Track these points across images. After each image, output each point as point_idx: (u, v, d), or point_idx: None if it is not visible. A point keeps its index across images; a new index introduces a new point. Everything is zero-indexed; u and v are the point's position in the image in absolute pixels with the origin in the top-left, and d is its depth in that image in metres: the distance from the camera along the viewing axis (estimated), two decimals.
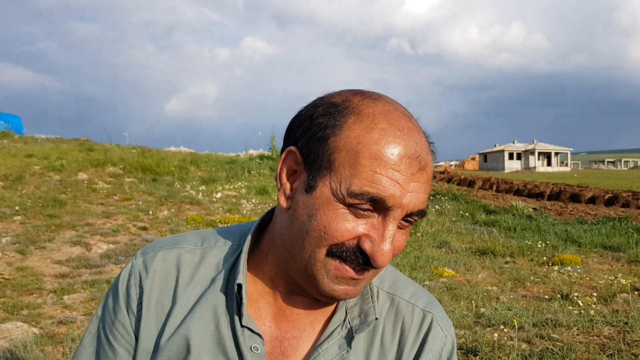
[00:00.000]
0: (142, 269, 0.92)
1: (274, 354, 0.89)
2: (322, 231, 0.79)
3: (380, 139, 0.77)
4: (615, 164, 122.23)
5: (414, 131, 0.81)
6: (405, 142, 0.78)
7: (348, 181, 0.77)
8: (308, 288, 0.86)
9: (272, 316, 0.91)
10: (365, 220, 0.79)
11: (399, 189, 0.77)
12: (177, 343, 0.86)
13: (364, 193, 0.76)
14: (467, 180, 24.44)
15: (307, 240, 0.81)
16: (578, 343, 4.12)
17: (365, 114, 0.80)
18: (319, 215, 0.79)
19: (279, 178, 0.87)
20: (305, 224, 0.81)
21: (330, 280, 0.82)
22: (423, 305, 0.98)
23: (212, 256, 0.94)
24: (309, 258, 0.81)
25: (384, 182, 0.76)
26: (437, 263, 7.39)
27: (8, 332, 4.23)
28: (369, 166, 0.76)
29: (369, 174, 0.76)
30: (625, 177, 39.06)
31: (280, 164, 0.87)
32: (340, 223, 0.78)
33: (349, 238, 0.79)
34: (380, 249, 0.78)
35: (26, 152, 15.33)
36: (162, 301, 0.90)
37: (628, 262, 7.65)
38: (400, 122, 0.80)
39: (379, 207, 0.78)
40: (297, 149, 0.84)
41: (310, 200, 0.80)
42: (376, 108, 0.81)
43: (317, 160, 0.80)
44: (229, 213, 10.66)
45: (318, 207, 0.79)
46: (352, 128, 0.79)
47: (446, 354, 0.96)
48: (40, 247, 7.39)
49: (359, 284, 0.85)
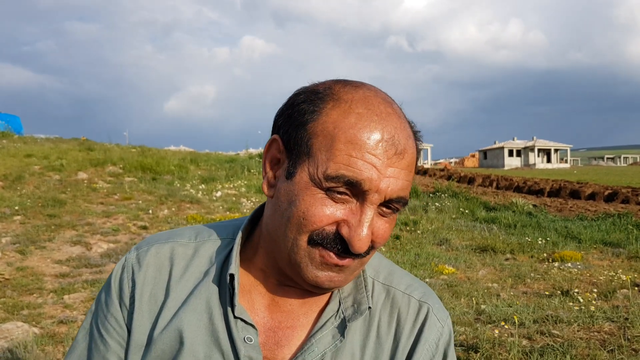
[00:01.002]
0: (135, 263, 0.93)
1: (268, 344, 0.89)
2: (301, 217, 0.79)
3: (357, 123, 0.78)
4: (614, 160, 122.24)
5: (392, 116, 0.80)
6: (382, 126, 0.78)
7: (324, 165, 0.77)
8: (294, 276, 0.86)
9: (266, 307, 0.91)
10: (344, 205, 0.79)
11: (375, 173, 0.77)
12: (170, 335, 0.87)
13: (339, 176, 0.76)
14: (467, 177, 24.44)
15: (288, 228, 0.81)
16: (578, 339, 4.13)
17: (343, 100, 0.81)
18: (298, 201, 0.79)
19: (263, 167, 0.88)
20: (286, 211, 0.81)
21: (315, 267, 0.82)
22: (419, 296, 0.97)
23: (206, 250, 0.94)
24: (292, 246, 0.82)
25: (359, 165, 0.76)
26: (437, 260, 7.39)
27: (8, 332, 4.22)
28: (345, 150, 0.77)
29: (344, 157, 0.76)
30: (625, 173, 39.05)
31: (264, 153, 0.87)
32: (318, 208, 0.78)
33: (327, 223, 0.79)
34: (357, 234, 0.78)
35: (26, 152, 15.32)
36: (155, 294, 0.90)
37: (628, 258, 7.66)
38: (379, 107, 0.80)
39: (356, 191, 0.78)
40: (279, 137, 0.85)
41: (290, 187, 0.81)
42: (355, 94, 0.81)
43: (297, 147, 0.81)
44: (229, 212, 10.66)
45: (297, 193, 0.80)
46: (329, 113, 0.80)
47: (443, 344, 0.96)
48: (41, 247, 7.39)
49: (343, 272, 0.84)
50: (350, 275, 0.86)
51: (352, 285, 0.94)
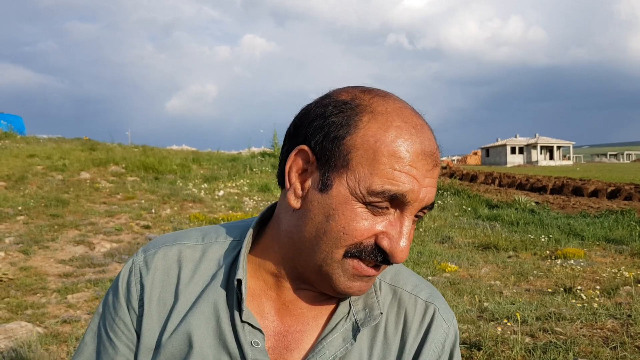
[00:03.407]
0: (143, 266, 0.92)
1: (277, 348, 0.89)
2: (341, 232, 0.79)
3: (397, 137, 0.79)
4: (617, 157, 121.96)
5: (425, 128, 0.83)
6: (421, 140, 0.80)
7: (368, 180, 0.78)
8: (320, 286, 0.87)
9: (275, 311, 0.91)
10: (382, 217, 0.80)
11: (416, 185, 0.78)
12: (179, 339, 0.87)
13: (385, 191, 0.77)
14: (470, 175, 24.42)
15: (323, 241, 0.81)
16: (581, 336, 4.12)
17: (379, 112, 0.81)
18: (337, 215, 0.79)
19: (288, 177, 0.85)
20: (322, 224, 0.81)
21: (347, 278, 0.83)
22: (425, 297, 0.98)
23: (213, 252, 0.94)
24: (325, 258, 0.82)
25: (403, 178, 0.77)
26: (440, 258, 7.39)
27: (12, 332, 4.24)
28: (388, 164, 0.77)
29: (388, 171, 0.77)
30: (628, 170, 38.94)
31: (289, 162, 0.85)
32: (359, 222, 0.79)
33: (367, 236, 0.80)
34: (399, 246, 0.80)
35: (28, 152, 15.35)
36: (164, 298, 0.90)
37: (631, 255, 7.65)
38: (413, 119, 0.82)
39: (396, 203, 0.79)
40: (309, 147, 0.83)
41: (326, 200, 0.80)
42: (387, 106, 0.82)
43: (333, 159, 0.80)
44: (231, 211, 10.67)
45: (336, 207, 0.80)
46: (368, 127, 0.80)
47: (449, 345, 0.97)
48: (44, 246, 7.41)
49: (372, 280, 0.87)
50: (374, 280, 0.89)
51: None
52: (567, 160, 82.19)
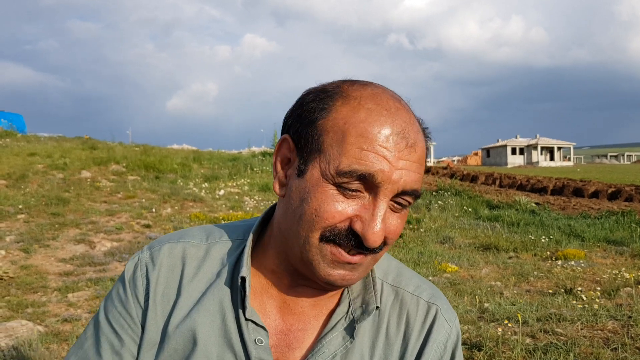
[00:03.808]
0: (149, 261, 0.93)
1: (279, 346, 0.90)
2: (313, 214, 0.79)
3: (367, 117, 0.79)
4: (618, 158, 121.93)
5: (401, 111, 0.82)
6: (392, 120, 0.79)
7: (336, 160, 0.78)
8: (307, 274, 0.86)
9: (277, 309, 0.92)
10: (356, 201, 0.79)
11: (387, 165, 0.77)
12: (183, 335, 0.87)
13: (352, 171, 0.77)
14: (470, 175, 24.42)
15: (300, 225, 0.81)
16: (582, 337, 4.12)
17: (352, 97, 0.82)
18: (310, 198, 0.80)
19: (274, 167, 0.88)
20: (298, 208, 0.82)
21: (327, 265, 0.82)
22: (427, 297, 0.98)
23: (217, 251, 0.95)
24: (304, 243, 0.82)
25: (371, 158, 0.77)
26: (440, 258, 7.39)
27: (13, 330, 4.24)
28: (356, 144, 0.77)
29: (356, 151, 0.77)
30: (629, 171, 38.97)
31: (275, 153, 0.88)
32: (331, 204, 0.78)
33: (340, 220, 0.79)
34: (371, 228, 0.78)
35: (29, 151, 15.36)
36: (168, 293, 0.91)
37: (631, 256, 7.64)
38: (388, 103, 0.81)
39: (368, 185, 0.78)
40: (289, 136, 0.86)
41: (301, 184, 0.82)
42: (364, 91, 0.83)
43: (307, 144, 0.82)
44: (232, 210, 10.68)
45: (309, 190, 0.80)
46: (339, 110, 0.81)
47: (451, 345, 0.97)
48: (44, 245, 7.41)
49: (356, 270, 0.84)
50: (364, 272, 0.87)
51: (361, 286, 0.95)
52: (567, 161, 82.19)
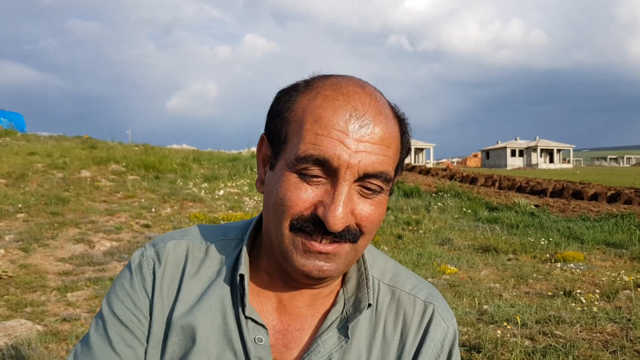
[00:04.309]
0: (155, 258, 0.94)
1: (277, 346, 0.90)
2: (280, 203, 0.80)
3: (322, 103, 0.79)
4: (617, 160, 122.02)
5: (360, 94, 0.81)
6: (346, 103, 0.79)
7: (295, 147, 0.79)
8: (288, 269, 0.86)
9: (274, 310, 0.92)
10: (319, 187, 0.80)
11: (344, 149, 0.77)
12: (183, 332, 0.87)
13: (307, 156, 0.77)
14: (470, 177, 24.42)
15: (272, 217, 0.83)
16: (581, 340, 4.12)
17: (313, 87, 0.83)
18: (276, 189, 0.81)
19: (257, 165, 0.91)
20: (269, 201, 0.83)
21: (300, 255, 0.82)
22: (424, 297, 0.98)
23: (216, 251, 0.96)
24: (277, 234, 0.83)
25: (326, 142, 0.77)
26: (439, 260, 7.39)
27: (12, 330, 4.24)
28: (312, 130, 0.78)
29: (311, 137, 0.78)
30: (628, 174, 38.99)
31: (257, 153, 0.91)
32: (293, 192, 0.79)
33: (304, 207, 0.79)
34: (331, 212, 0.78)
35: (29, 150, 15.35)
36: (171, 288, 0.92)
37: (631, 259, 7.64)
38: (347, 89, 0.81)
39: (328, 171, 0.78)
40: (265, 134, 0.88)
41: (272, 177, 0.84)
42: (326, 81, 0.84)
43: (276, 138, 0.84)
44: (231, 210, 10.68)
45: (276, 181, 0.82)
46: (300, 100, 0.82)
47: (448, 344, 0.97)
48: (44, 244, 7.40)
49: (333, 260, 0.83)
50: (343, 263, 0.85)
51: (355, 285, 0.95)
52: (567, 163, 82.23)
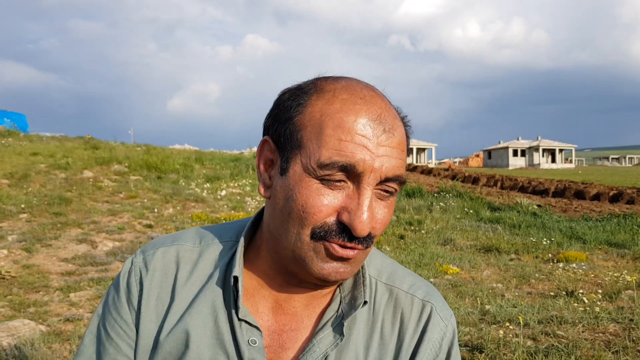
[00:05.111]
0: (142, 266, 0.93)
1: (272, 347, 0.90)
2: (301, 210, 0.79)
3: (342, 107, 0.79)
4: (619, 160, 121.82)
5: (375, 98, 0.82)
6: (367, 107, 0.80)
7: (317, 154, 0.78)
8: (300, 272, 0.86)
9: (270, 310, 0.92)
10: (341, 192, 0.79)
11: (367, 154, 0.77)
12: (176, 338, 0.87)
13: (333, 162, 0.77)
14: (471, 177, 24.40)
15: (290, 223, 0.81)
16: (583, 340, 4.12)
17: (326, 90, 0.83)
18: (294, 195, 0.80)
19: (258, 169, 0.89)
20: (285, 207, 0.81)
21: (320, 260, 0.82)
22: (422, 295, 0.97)
23: (210, 253, 0.95)
24: (295, 241, 0.82)
25: (350, 148, 0.77)
26: (441, 260, 7.39)
27: (15, 330, 4.25)
28: (334, 135, 0.77)
29: (335, 142, 0.77)
30: (630, 174, 38.94)
31: (257, 156, 0.89)
32: (316, 198, 0.78)
33: (327, 214, 0.79)
34: (358, 217, 0.78)
35: (31, 150, 15.38)
36: (162, 297, 0.91)
37: (633, 259, 7.64)
38: (362, 92, 0.82)
39: (351, 175, 0.78)
40: (269, 137, 0.86)
41: (285, 182, 0.82)
42: (337, 84, 0.84)
43: (287, 142, 0.82)
44: (233, 210, 10.69)
45: (293, 187, 0.80)
46: (314, 104, 0.81)
47: (447, 343, 0.96)
48: (46, 245, 7.42)
49: (350, 264, 0.84)
50: (357, 266, 0.86)
51: (352, 283, 0.95)
52: (569, 163, 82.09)
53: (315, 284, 0.89)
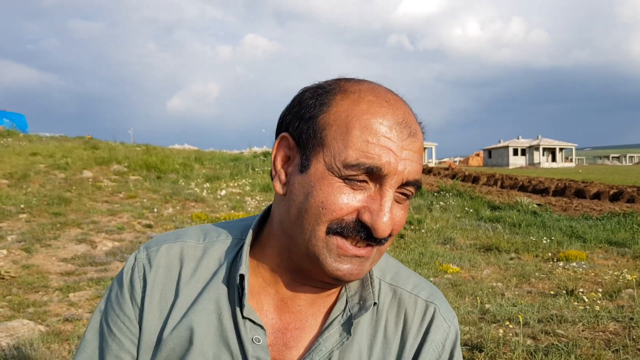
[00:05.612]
0: (146, 262, 0.93)
1: (276, 345, 0.90)
2: (320, 207, 0.79)
3: (369, 109, 0.80)
4: (620, 159, 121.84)
5: (399, 102, 0.84)
6: (393, 111, 0.81)
7: (342, 154, 0.78)
8: (313, 271, 0.85)
9: (274, 308, 0.92)
10: (362, 192, 0.80)
11: (393, 156, 0.78)
12: (180, 335, 0.87)
13: (360, 164, 0.77)
14: (472, 176, 24.40)
15: (305, 220, 0.81)
16: (583, 339, 4.12)
17: (351, 91, 0.83)
18: (315, 192, 0.80)
19: (274, 165, 0.88)
20: (303, 204, 0.81)
21: (334, 259, 0.82)
22: (425, 296, 0.98)
23: (214, 250, 0.95)
24: (310, 237, 0.81)
25: (377, 150, 0.78)
26: (441, 259, 7.38)
27: (14, 330, 4.25)
28: (361, 136, 0.78)
29: (362, 144, 0.78)
30: (630, 173, 38.95)
31: (274, 151, 0.88)
32: (338, 196, 0.79)
33: (347, 212, 0.79)
34: (380, 219, 0.78)
35: (31, 151, 15.38)
36: (166, 294, 0.91)
37: (633, 258, 7.63)
38: (386, 95, 0.83)
39: (375, 176, 0.79)
40: (289, 134, 0.86)
41: (305, 179, 0.82)
42: (362, 86, 0.84)
43: (309, 140, 0.82)
44: (233, 210, 10.68)
45: (314, 184, 0.80)
46: (340, 104, 0.82)
47: (449, 344, 0.96)
48: (46, 245, 7.42)
49: (363, 264, 0.84)
50: (370, 266, 0.87)
51: (359, 283, 0.95)
52: (569, 162, 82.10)
53: (325, 283, 0.89)
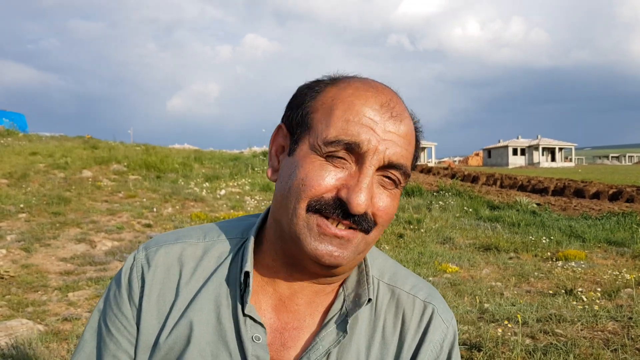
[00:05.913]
0: (145, 263, 0.93)
1: (274, 344, 0.90)
2: (300, 184, 0.81)
3: (354, 92, 0.83)
4: (619, 159, 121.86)
5: (387, 90, 0.86)
6: (377, 94, 0.83)
7: (324, 132, 0.81)
8: (297, 253, 0.85)
9: (272, 307, 0.92)
10: (343, 170, 0.81)
11: (373, 135, 0.80)
12: (178, 334, 0.87)
13: (339, 140, 0.79)
14: (471, 176, 24.41)
15: (288, 199, 0.83)
16: (582, 338, 4.12)
17: (341, 80, 0.87)
18: (297, 170, 0.82)
19: (269, 154, 0.91)
20: (287, 183, 0.83)
21: (313, 238, 0.82)
22: (424, 297, 0.98)
23: (215, 250, 0.95)
24: (292, 217, 0.82)
25: (357, 128, 0.80)
26: (440, 259, 7.38)
27: (13, 329, 4.25)
28: (343, 116, 0.81)
29: (343, 123, 0.80)
30: (630, 172, 38.96)
31: (271, 142, 0.92)
32: (317, 172, 0.80)
33: (326, 189, 0.80)
34: (355, 193, 0.79)
35: (31, 150, 15.38)
36: (164, 295, 0.91)
37: (632, 257, 7.63)
38: (375, 84, 0.86)
39: (355, 154, 0.80)
40: (283, 124, 0.90)
41: (291, 161, 0.85)
42: (354, 78, 0.88)
43: (298, 126, 0.85)
44: (233, 210, 10.68)
45: (297, 164, 0.82)
46: (328, 90, 0.85)
47: (447, 345, 0.96)
48: (45, 244, 7.42)
49: (344, 247, 0.83)
50: (354, 254, 0.85)
51: (355, 282, 0.95)
52: (568, 162, 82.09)
53: (316, 273, 0.88)
